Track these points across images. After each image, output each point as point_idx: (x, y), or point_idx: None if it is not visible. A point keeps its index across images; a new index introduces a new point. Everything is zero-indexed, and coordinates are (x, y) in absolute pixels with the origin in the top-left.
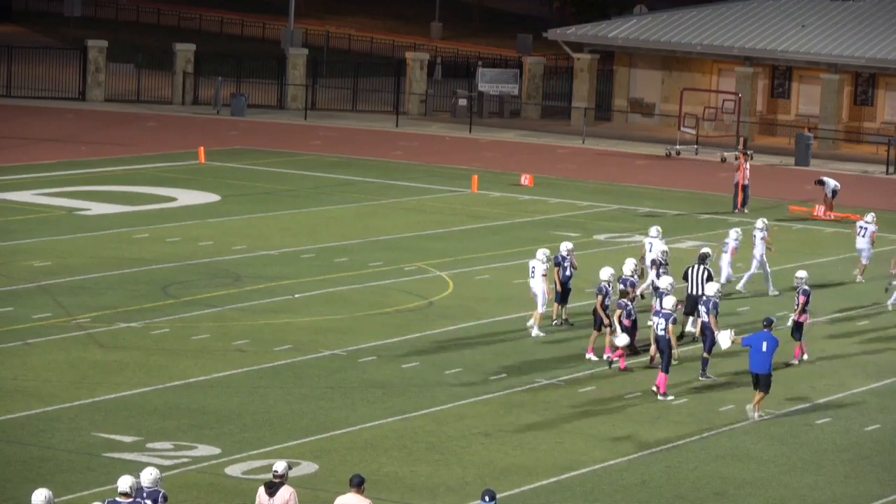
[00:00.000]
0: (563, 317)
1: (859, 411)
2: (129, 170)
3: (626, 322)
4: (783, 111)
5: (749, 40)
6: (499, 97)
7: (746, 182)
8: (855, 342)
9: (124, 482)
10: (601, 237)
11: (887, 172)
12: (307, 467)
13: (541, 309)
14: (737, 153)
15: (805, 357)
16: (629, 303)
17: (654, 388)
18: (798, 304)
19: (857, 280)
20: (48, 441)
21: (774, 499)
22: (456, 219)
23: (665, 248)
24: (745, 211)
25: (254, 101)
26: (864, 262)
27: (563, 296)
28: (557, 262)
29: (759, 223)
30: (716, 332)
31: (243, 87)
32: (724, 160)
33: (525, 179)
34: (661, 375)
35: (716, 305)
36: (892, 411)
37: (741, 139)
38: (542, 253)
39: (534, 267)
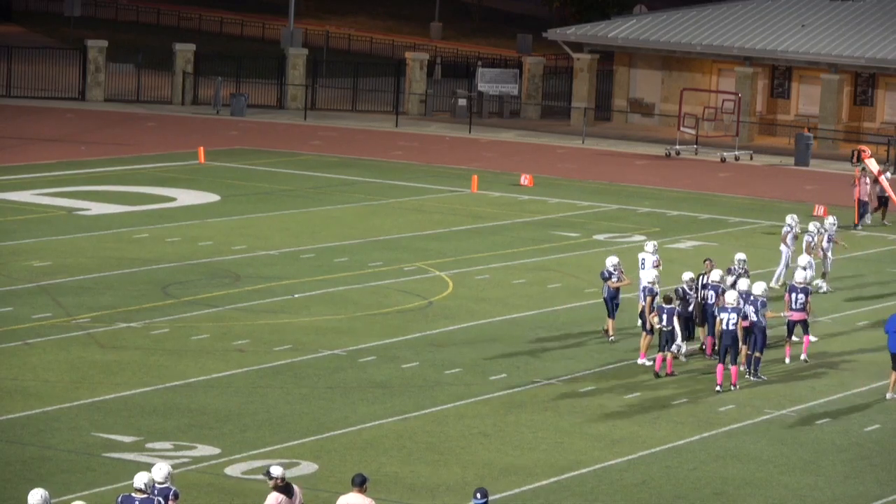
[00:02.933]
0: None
1: (859, 411)
2: (129, 170)
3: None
4: (783, 111)
5: (749, 40)
6: (498, 97)
7: (865, 198)
8: (855, 342)
9: (140, 478)
10: (601, 237)
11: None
12: (307, 467)
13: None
14: (854, 165)
15: (804, 357)
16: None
17: (719, 387)
18: (796, 304)
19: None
20: (48, 441)
21: (774, 499)
22: (456, 219)
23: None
24: (863, 225)
25: (254, 101)
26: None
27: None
28: (605, 277)
29: (831, 219)
30: (784, 312)
31: (243, 87)
32: (723, 160)
33: (525, 179)
34: (733, 369)
35: (764, 304)
36: (892, 411)
37: (854, 152)
38: (651, 245)
39: (643, 259)
